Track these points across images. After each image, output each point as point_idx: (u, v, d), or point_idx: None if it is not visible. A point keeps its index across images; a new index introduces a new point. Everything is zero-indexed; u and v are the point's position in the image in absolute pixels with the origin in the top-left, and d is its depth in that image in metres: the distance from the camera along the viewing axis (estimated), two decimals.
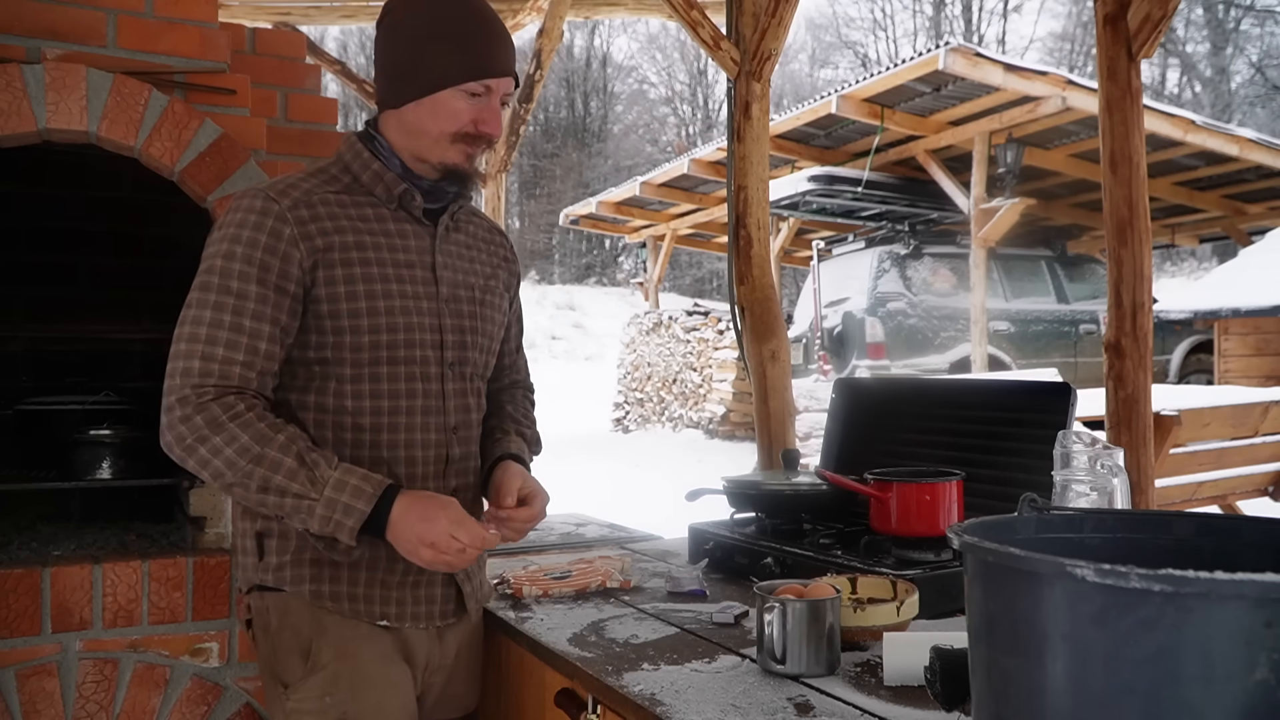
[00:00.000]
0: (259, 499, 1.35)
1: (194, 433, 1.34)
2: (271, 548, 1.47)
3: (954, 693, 1.13)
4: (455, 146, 1.48)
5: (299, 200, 1.43)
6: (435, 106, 1.46)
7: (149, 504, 2.47)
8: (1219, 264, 14.24)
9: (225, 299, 1.37)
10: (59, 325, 2.60)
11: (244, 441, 1.33)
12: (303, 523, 1.36)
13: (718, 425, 10.86)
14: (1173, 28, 23.96)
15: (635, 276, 21.92)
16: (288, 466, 1.34)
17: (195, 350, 1.36)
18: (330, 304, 1.42)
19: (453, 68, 1.44)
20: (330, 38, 23.95)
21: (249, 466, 1.33)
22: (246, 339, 1.38)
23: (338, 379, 1.45)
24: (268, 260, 1.39)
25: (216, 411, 1.34)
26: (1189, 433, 4.44)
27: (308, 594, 1.45)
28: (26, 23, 1.97)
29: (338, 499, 1.34)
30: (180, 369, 1.36)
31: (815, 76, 32.25)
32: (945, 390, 2.28)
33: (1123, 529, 0.95)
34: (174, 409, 1.35)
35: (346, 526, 1.35)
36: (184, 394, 1.35)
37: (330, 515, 1.34)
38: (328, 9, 6.51)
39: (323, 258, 1.42)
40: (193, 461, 1.35)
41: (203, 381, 1.35)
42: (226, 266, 1.39)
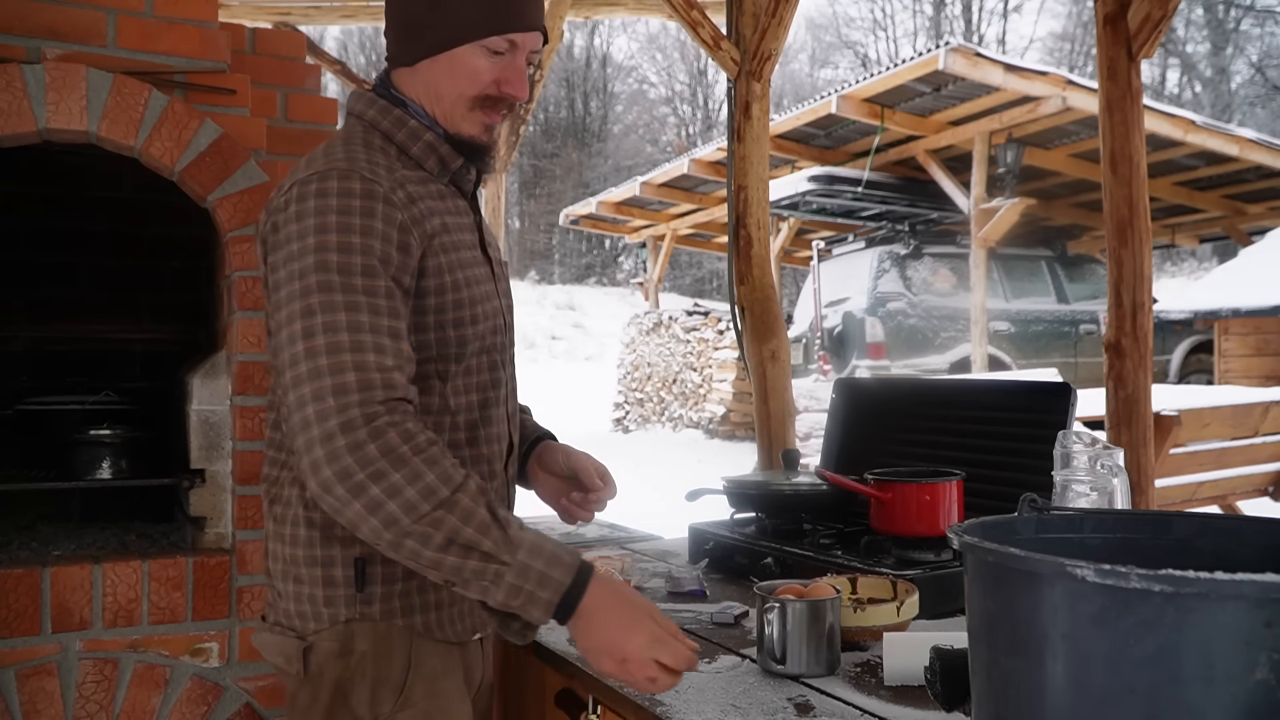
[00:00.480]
0: (434, 557, 1.09)
1: (366, 467, 1.07)
2: (376, 576, 1.25)
3: (954, 693, 1.13)
4: (473, 114, 1.31)
5: (395, 182, 1.24)
6: (452, 64, 1.28)
7: (149, 504, 2.46)
8: (1219, 264, 14.25)
9: (356, 298, 1.15)
10: (59, 325, 2.60)
11: (429, 481, 1.09)
12: (482, 591, 1.11)
13: (718, 425, 10.86)
14: (1173, 28, 23.96)
15: (635, 276, 21.91)
16: (480, 519, 1.10)
17: (344, 362, 1.11)
18: (437, 296, 1.26)
19: (473, 20, 1.27)
20: (330, 38, 23.95)
21: (434, 513, 1.08)
22: (391, 340, 1.16)
23: (440, 376, 1.28)
24: (387, 251, 1.19)
25: (395, 440, 1.09)
26: (1189, 433, 4.44)
27: (419, 625, 1.27)
28: (26, 23, 1.97)
29: (532, 565, 1.10)
30: (330, 387, 1.10)
31: (815, 76, 32.27)
32: (945, 390, 2.28)
33: (1123, 529, 0.95)
34: (336, 437, 1.08)
35: (541, 600, 1.11)
36: (349, 417, 1.08)
37: (522, 585, 1.10)
38: (328, 9, 6.51)
39: (429, 245, 1.25)
40: (359, 504, 1.08)
41: (368, 397, 1.10)
42: (346, 261, 1.16)
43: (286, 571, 1.29)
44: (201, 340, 2.57)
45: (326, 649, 1.26)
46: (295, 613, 1.28)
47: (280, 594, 1.30)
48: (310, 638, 1.26)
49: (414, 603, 1.27)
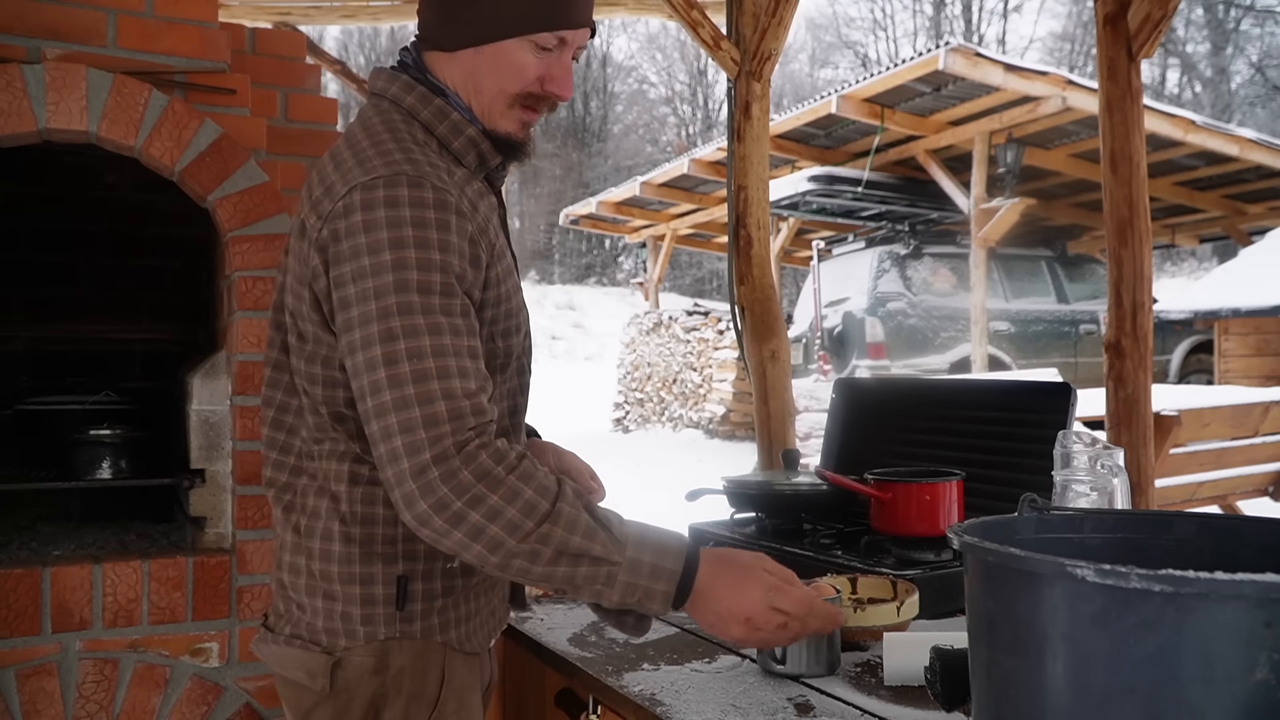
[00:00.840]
0: (545, 571, 1.07)
1: (463, 494, 1.04)
2: (418, 594, 1.21)
3: (954, 693, 1.13)
4: (512, 111, 1.23)
5: (457, 188, 1.16)
6: (498, 58, 1.20)
7: (149, 504, 2.47)
8: (1219, 264, 14.25)
9: (438, 319, 1.09)
10: (59, 325, 2.60)
11: (529, 498, 1.06)
12: (595, 595, 1.09)
13: (718, 425, 10.86)
14: (1173, 28, 23.95)
15: (635, 276, 21.92)
16: (585, 524, 1.07)
17: (433, 391, 1.06)
18: (493, 308, 1.20)
19: (524, 12, 1.18)
20: (330, 38, 23.95)
21: (540, 529, 1.05)
22: (472, 362, 1.11)
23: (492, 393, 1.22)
24: (464, 267, 1.13)
25: (488, 464, 1.06)
26: (1189, 433, 4.44)
27: (455, 639, 1.24)
28: (26, 23, 1.97)
29: (642, 559, 1.08)
30: (420, 419, 1.05)
31: (815, 76, 32.27)
32: (945, 390, 2.28)
33: (1123, 529, 0.95)
34: (429, 470, 1.04)
35: (659, 593, 1.09)
36: (442, 449, 1.05)
37: (635, 582, 1.08)
38: (328, 9, 6.51)
39: (491, 254, 1.19)
40: (460, 533, 1.05)
41: (459, 426, 1.06)
42: (426, 280, 1.09)
43: (315, 587, 1.22)
44: (201, 340, 2.57)
45: (359, 664, 1.20)
46: (324, 629, 1.22)
47: (303, 608, 1.24)
48: (339, 654, 1.21)
49: (449, 618, 1.24)
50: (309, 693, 1.23)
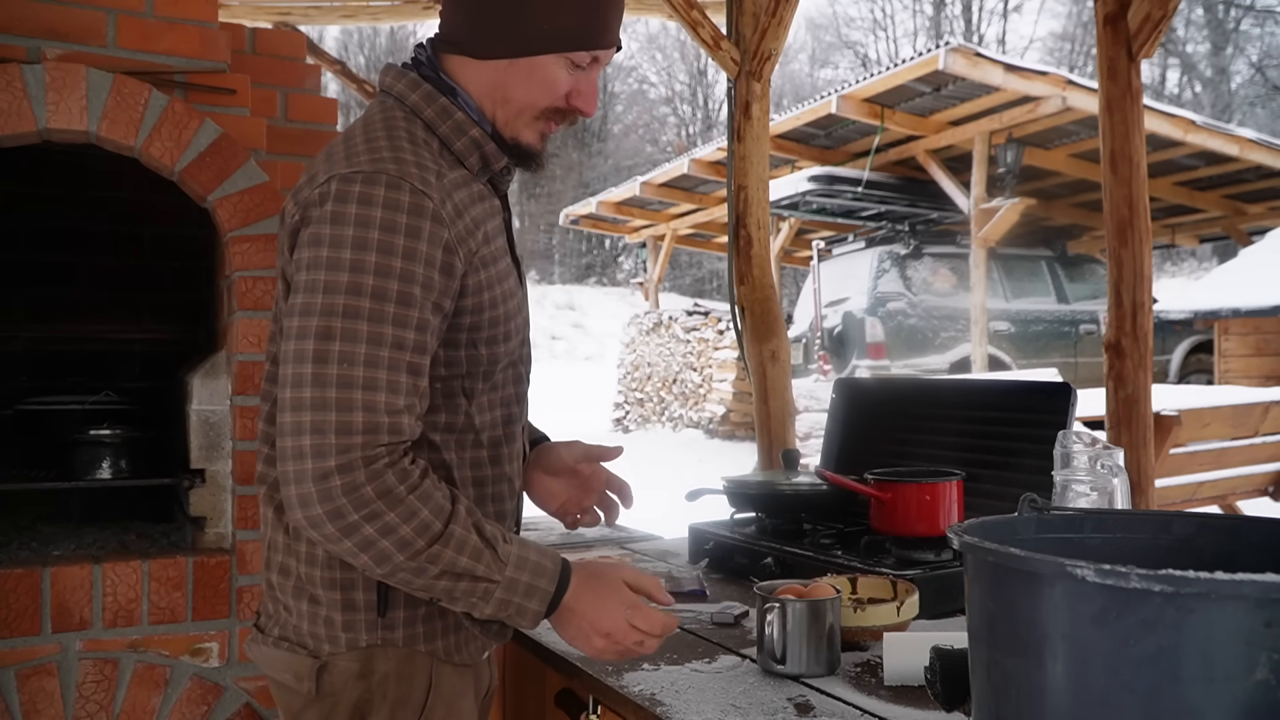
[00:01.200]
0: (426, 584, 1.10)
1: (361, 508, 1.05)
2: (399, 601, 1.20)
3: (954, 693, 1.13)
4: (536, 123, 1.24)
5: (443, 191, 1.14)
6: (531, 72, 1.20)
7: (149, 504, 2.47)
8: (1219, 264, 14.25)
9: (382, 329, 1.08)
10: (59, 325, 2.60)
11: (424, 518, 1.07)
12: (470, 607, 1.13)
13: (718, 425, 10.86)
14: (1173, 28, 23.95)
15: (635, 276, 21.92)
16: (472, 545, 1.10)
17: (353, 399, 1.06)
18: (474, 315, 1.19)
19: (564, 29, 1.18)
20: (330, 38, 23.95)
21: (430, 549, 1.07)
22: (409, 378, 1.10)
23: (467, 394, 1.23)
24: (429, 275, 1.11)
25: (391, 481, 1.07)
26: (1189, 433, 4.44)
27: (440, 650, 1.23)
28: (26, 23, 1.97)
29: (518, 579, 1.12)
30: (335, 424, 1.05)
31: (815, 76, 32.27)
32: (945, 390, 2.28)
33: (1123, 529, 0.95)
34: (332, 476, 1.04)
35: (530, 611, 1.14)
36: (349, 459, 1.05)
37: (510, 599, 1.12)
38: (328, 9, 6.51)
39: (471, 263, 1.17)
40: (350, 543, 1.06)
41: (371, 441, 1.06)
42: (382, 286, 1.08)
43: (301, 590, 1.22)
44: (201, 340, 2.57)
45: (345, 669, 1.21)
46: (309, 633, 1.22)
47: (289, 610, 1.24)
48: (325, 658, 1.21)
49: (435, 627, 1.23)
50: (297, 695, 1.24)
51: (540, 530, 2.51)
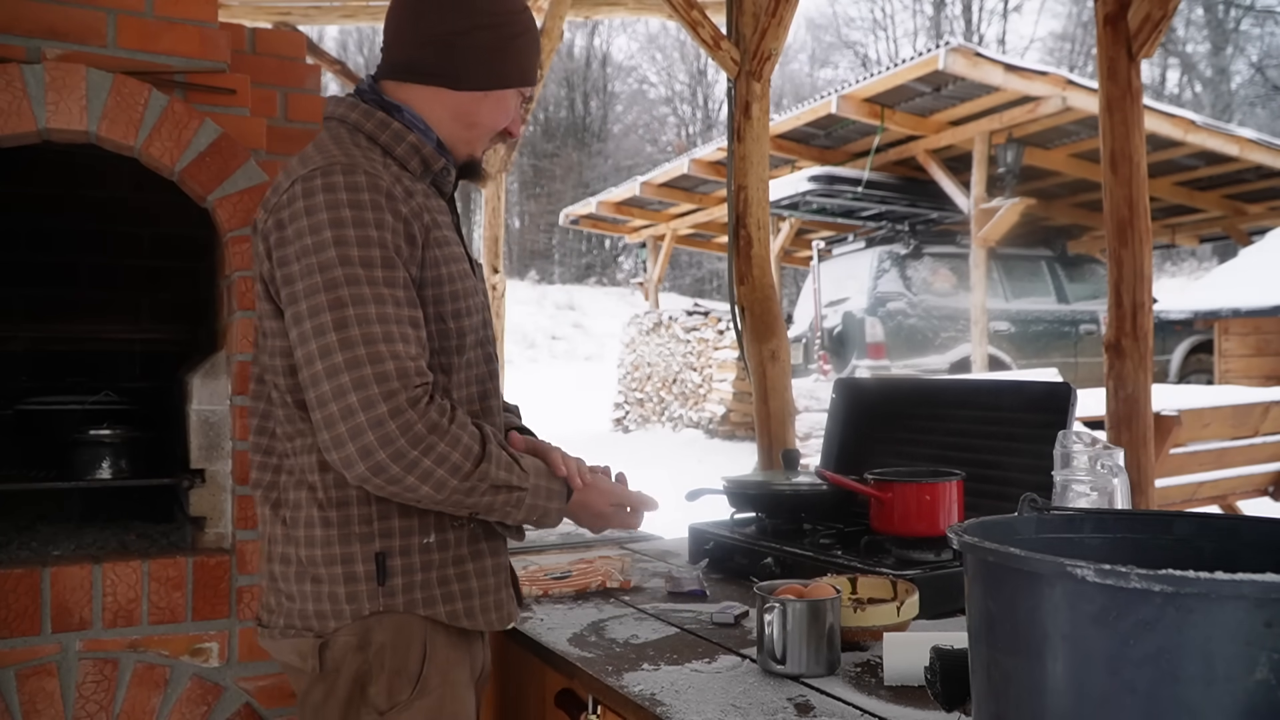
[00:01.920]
0: (475, 501, 1.25)
1: (418, 444, 1.18)
2: (396, 568, 1.30)
3: (954, 693, 1.13)
4: (490, 143, 1.47)
5: (391, 178, 1.30)
6: (499, 102, 1.42)
7: (149, 504, 2.46)
8: (1219, 264, 14.25)
9: (381, 290, 1.22)
10: (59, 325, 2.60)
11: (467, 443, 1.22)
12: (503, 516, 1.30)
13: (718, 425, 10.86)
14: (1173, 28, 23.94)
15: (635, 276, 21.91)
16: (505, 459, 1.27)
17: (381, 352, 1.19)
18: (434, 288, 1.32)
19: (524, 68, 1.43)
20: (330, 38, 23.96)
21: (482, 467, 1.23)
22: (414, 330, 1.24)
23: (444, 369, 1.34)
24: (399, 243, 1.25)
25: (435, 416, 1.20)
26: (1189, 433, 4.44)
27: (444, 614, 1.32)
28: (26, 23, 1.97)
29: (541, 485, 1.31)
30: (374, 375, 1.17)
31: (815, 76, 32.27)
32: (945, 390, 2.28)
33: (1123, 529, 0.95)
34: (387, 422, 1.16)
35: (553, 510, 1.34)
36: (396, 403, 1.17)
37: (537, 502, 1.31)
38: (328, 9, 6.51)
39: (427, 237, 1.31)
40: (413, 477, 1.18)
41: (408, 384, 1.19)
42: (367, 254, 1.22)
43: (303, 573, 1.31)
44: (201, 340, 2.57)
45: (344, 643, 1.29)
46: (314, 613, 1.30)
47: (293, 596, 1.32)
48: (329, 635, 1.29)
49: (435, 594, 1.32)
50: (303, 675, 1.33)
51: (540, 530, 2.51)
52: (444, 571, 1.33)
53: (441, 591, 1.32)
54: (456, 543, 1.34)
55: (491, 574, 1.39)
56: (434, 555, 1.32)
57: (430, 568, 1.32)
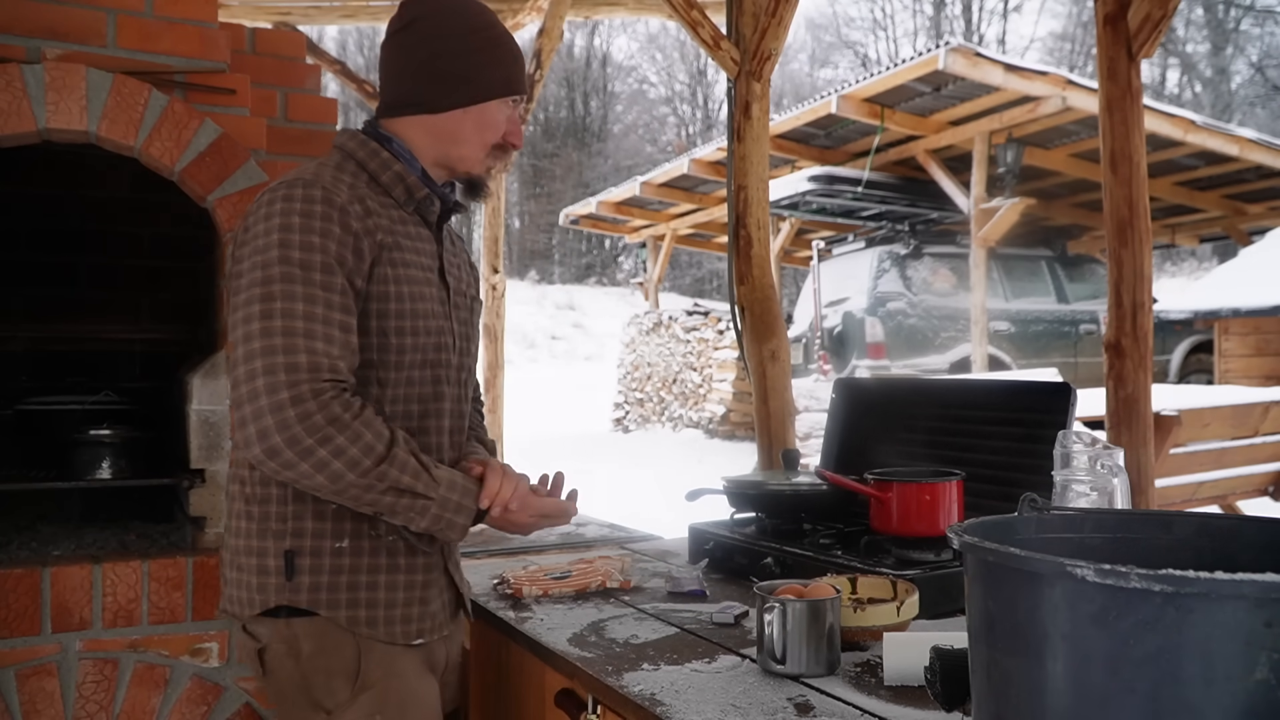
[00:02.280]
0: (374, 500, 1.30)
1: (314, 433, 1.24)
2: (304, 567, 1.38)
3: (954, 693, 1.13)
4: (486, 159, 1.51)
5: (353, 196, 1.38)
6: (482, 116, 1.48)
7: (149, 504, 2.46)
8: (1219, 264, 14.24)
9: (314, 291, 1.30)
10: (59, 325, 2.60)
11: (369, 440, 1.27)
12: (407, 522, 1.34)
13: (718, 425, 10.86)
14: (1173, 28, 23.92)
15: (635, 276, 21.90)
16: (412, 466, 1.30)
17: (297, 344, 1.26)
18: (380, 303, 1.38)
19: (500, 80, 1.48)
20: (330, 38, 23.95)
21: (377, 468, 1.27)
22: (340, 333, 1.31)
23: (379, 382, 1.40)
24: (343, 254, 1.33)
25: (337, 409, 1.26)
26: (1189, 433, 4.44)
27: (344, 619, 1.38)
28: (26, 23, 1.97)
29: (450, 498, 1.35)
30: (283, 364, 1.25)
31: (815, 76, 32.26)
32: (945, 390, 2.28)
33: (1123, 529, 0.95)
34: (285, 407, 1.23)
35: (458, 525, 1.36)
36: (298, 391, 1.24)
37: (443, 514, 1.34)
38: (328, 9, 6.51)
39: (380, 255, 1.38)
40: (307, 465, 1.25)
41: (315, 376, 1.25)
42: (308, 259, 1.31)
43: (231, 561, 1.44)
44: (202, 340, 2.57)
45: (276, 651, 1.40)
46: (235, 598, 1.43)
47: (226, 581, 1.46)
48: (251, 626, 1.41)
49: (341, 598, 1.38)
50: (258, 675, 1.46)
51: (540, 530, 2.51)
52: (354, 577, 1.39)
53: (347, 596, 1.38)
54: (372, 551, 1.40)
55: (403, 588, 1.43)
56: (345, 560, 1.39)
57: (340, 571, 1.38)
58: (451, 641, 1.58)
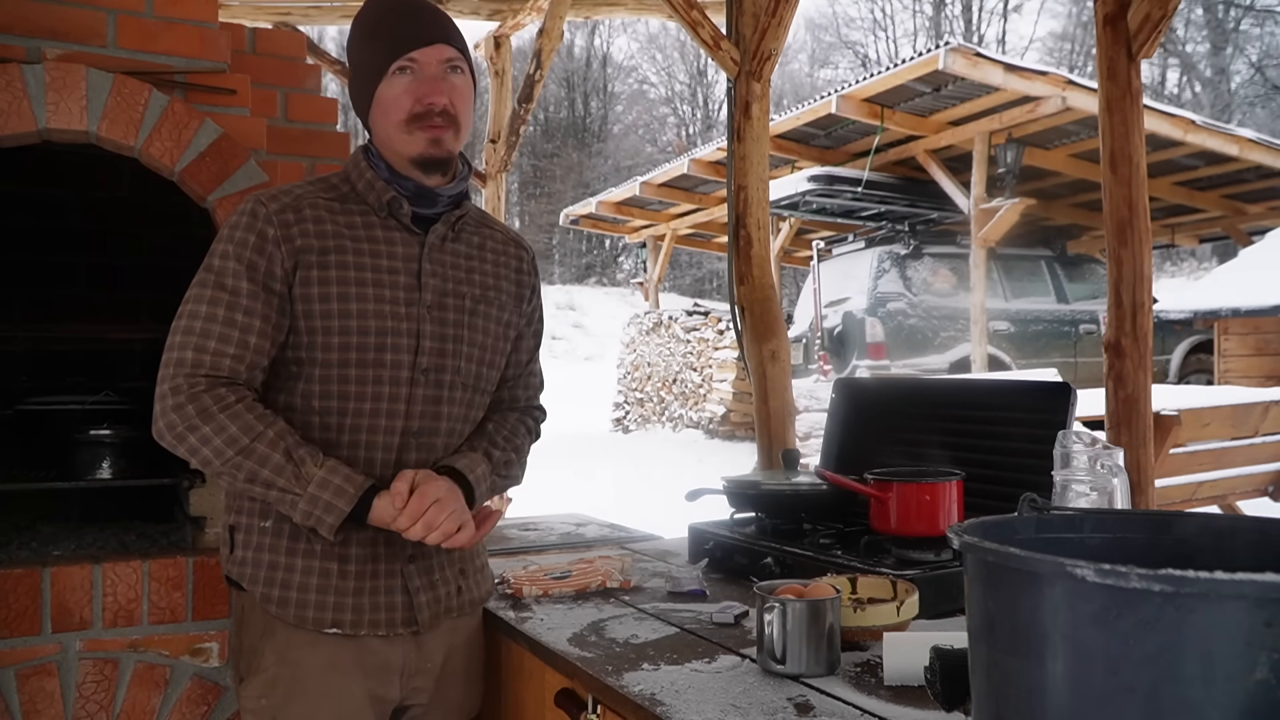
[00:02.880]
0: (245, 488, 1.42)
1: (184, 421, 1.39)
2: (239, 541, 1.52)
3: (954, 693, 1.13)
4: (414, 135, 1.48)
5: (286, 205, 1.48)
6: (381, 103, 1.50)
7: (149, 504, 2.46)
8: (1219, 264, 14.24)
9: (219, 294, 1.43)
10: (59, 325, 2.60)
11: (232, 432, 1.38)
12: (287, 512, 1.43)
13: (718, 425, 10.86)
14: (1173, 28, 23.93)
15: (635, 276, 21.91)
16: (275, 461, 1.39)
17: (189, 342, 1.41)
18: (305, 304, 1.46)
19: (376, 59, 1.49)
20: (330, 38, 23.92)
21: (236, 458, 1.39)
22: (237, 333, 1.43)
23: (307, 378, 1.48)
24: (255, 259, 1.44)
25: (208, 402, 1.39)
26: (1189, 433, 4.43)
27: (259, 596, 1.48)
28: (26, 23, 1.97)
29: (320, 496, 1.40)
30: (174, 359, 1.42)
31: (815, 76, 32.27)
32: (945, 390, 2.28)
33: (1123, 529, 0.95)
34: (166, 397, 1.40)
35: (326, 523, 1.41)
36: (176, 383, 1.40)
37: (312, 511, 1.40)
38: (328, 9, 6.51)
39: (301, 259, 1.46)
40: (183, 449, 1.41)
41: (194, 371, 1.40)
42: (221, 265, 1.45)
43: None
44: None
45: (233, 620, 1.57)
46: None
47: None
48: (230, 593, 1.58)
49: (261, 574, 1.49)
50: None
51: (539, 530, 2.51)
52: (274, 557, 1.49)
53: (266, 574, 1.49)
54: (291, 535, 1.48)
55: (318, 575, 1.48)
56: (267, 539, 1.49)
57: (262, 549, 1.50)
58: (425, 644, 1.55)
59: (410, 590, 1.52)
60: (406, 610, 1.52)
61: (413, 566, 1.53)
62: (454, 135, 1.50)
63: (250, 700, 1.49)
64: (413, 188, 1.52)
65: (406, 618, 1.52)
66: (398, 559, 1.51)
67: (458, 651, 1.61)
